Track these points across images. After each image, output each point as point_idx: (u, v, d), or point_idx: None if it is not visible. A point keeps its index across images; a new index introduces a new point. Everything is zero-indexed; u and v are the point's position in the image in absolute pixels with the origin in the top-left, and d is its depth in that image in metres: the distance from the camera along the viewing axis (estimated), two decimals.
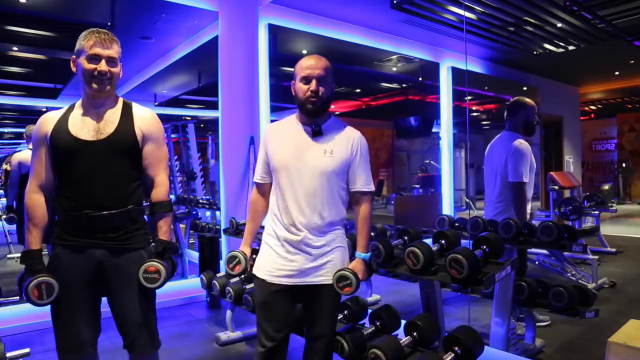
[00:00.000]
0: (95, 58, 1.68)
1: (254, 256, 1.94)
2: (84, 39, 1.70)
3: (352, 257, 1.87)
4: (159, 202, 1.83)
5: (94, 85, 1.70)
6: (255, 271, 1.86)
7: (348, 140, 1.82)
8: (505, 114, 3.16)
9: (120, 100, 1.83)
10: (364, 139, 1.87)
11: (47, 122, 1.74)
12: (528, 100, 3.10)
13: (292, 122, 1.87)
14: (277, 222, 1.81)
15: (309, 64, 1.77)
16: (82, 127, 1.72)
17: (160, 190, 1.83)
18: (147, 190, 1.86)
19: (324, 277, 1.77)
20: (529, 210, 3.03)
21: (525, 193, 2.92)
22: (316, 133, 1.80)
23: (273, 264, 1.79)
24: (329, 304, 1.82)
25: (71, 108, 1.78)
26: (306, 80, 1.77)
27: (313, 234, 1.76)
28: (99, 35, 1.69)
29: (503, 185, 3.00)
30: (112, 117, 1.76)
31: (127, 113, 1.79)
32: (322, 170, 1.76)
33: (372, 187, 1.86)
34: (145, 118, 1.82)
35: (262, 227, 1.98)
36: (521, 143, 2.95)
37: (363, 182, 1.83)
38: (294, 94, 1.83)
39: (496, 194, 3.06)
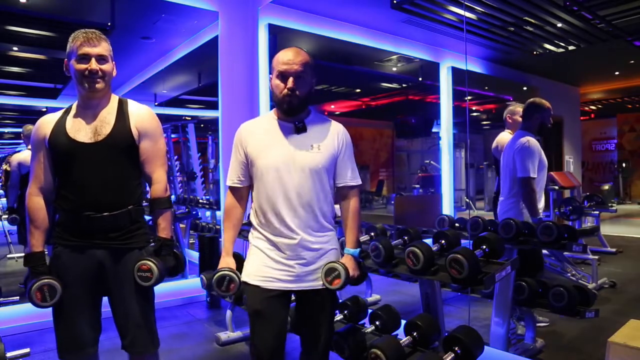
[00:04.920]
0: (85, 58, 1.67)
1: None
2: (72, 40, 1.70)
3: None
4: (157, 199, 1.82)
5: (87, 85, 1.69)
6: (245, 278, 1.73)
7: (333, 134, 1.76)
8: (522, 114, 3.24)
9: (116, 99, 1.81)
10: (347, 131, 1.81)
11: (45, 125, 1.73)
12: (545, 102, 3.13)
13: (270, 119, 1.77)
14: (267, 226, 1.71)
15: (287, 59, 1.67)
16: (80, 129, 1.71)
17: (158, 187, 1.82)
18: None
19: (319, 282, 1.69)
20: (541, 206, 3.06)
21: (533, 188, 2.96)
22: (300, 129, 1.71)
23: (266, 269, 1.69)
24: (325, 307, 1.75)
25: (68, 110, 1.78)
26: (282, 77, 1.67)
27: (309, 236, 1.69)
28: (85, 35, 1.68)
29: (512, 181, 3.08)
30: (108, 118, 1.75)
31: (122, 112, 1.78)
32: (312, 167, 1.68)
33: (359, 181, 1.80)
34: (141, 115, 1.80)
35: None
36: (528, 140, 3.02)
37: (350, 175, 1.77)
38: (270, 89, 1.74)
39: (507, 190, 3.13)
